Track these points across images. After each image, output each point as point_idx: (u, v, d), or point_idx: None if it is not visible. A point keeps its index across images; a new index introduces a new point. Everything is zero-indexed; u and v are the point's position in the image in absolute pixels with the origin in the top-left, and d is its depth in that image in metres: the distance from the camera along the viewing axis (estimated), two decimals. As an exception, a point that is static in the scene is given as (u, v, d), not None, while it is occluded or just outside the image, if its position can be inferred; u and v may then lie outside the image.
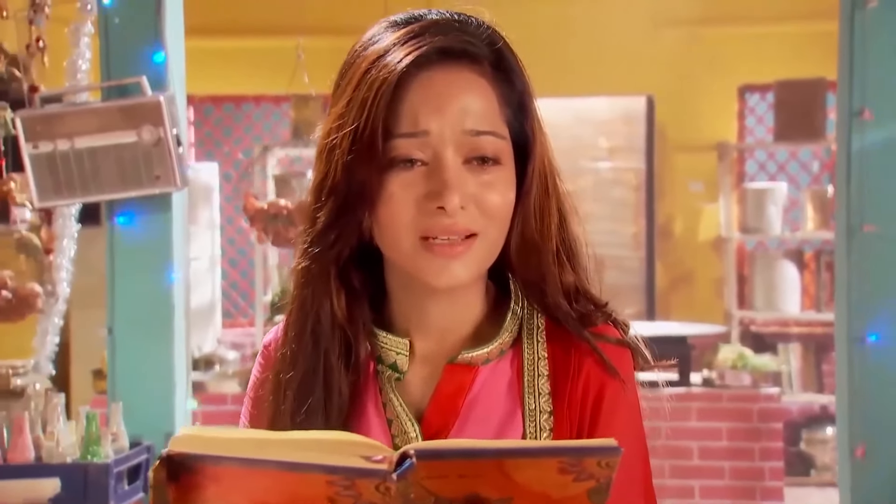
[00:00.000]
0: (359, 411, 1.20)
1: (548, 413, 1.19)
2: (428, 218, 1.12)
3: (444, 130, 1.12)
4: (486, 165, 1.14)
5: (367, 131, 1.11)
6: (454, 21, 1.17)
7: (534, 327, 1.22)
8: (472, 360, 1.20)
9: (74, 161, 3.02)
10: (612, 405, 1.19)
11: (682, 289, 6.58)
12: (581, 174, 6.64)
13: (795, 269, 6.13)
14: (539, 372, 1.20)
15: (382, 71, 1.11)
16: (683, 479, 4.87)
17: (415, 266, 1.15)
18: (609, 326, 1.23)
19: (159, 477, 0.89)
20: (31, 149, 3.03)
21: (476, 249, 1.14)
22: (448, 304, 1.20)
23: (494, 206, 1.14)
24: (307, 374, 1.18)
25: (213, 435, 0.91)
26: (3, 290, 3.15)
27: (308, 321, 1.19)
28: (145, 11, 3.12)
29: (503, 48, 1.18)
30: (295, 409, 1.18)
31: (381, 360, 1.21)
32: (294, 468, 0.88)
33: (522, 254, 1.20)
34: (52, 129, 3.04)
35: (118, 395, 3.08)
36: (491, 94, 1.16)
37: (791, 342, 6.15)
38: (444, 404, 1.19)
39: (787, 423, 5.75)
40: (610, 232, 6.59)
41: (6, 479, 2.86)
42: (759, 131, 6.68)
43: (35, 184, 3.03)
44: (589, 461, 0.91)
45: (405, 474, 0.87)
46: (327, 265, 1.17)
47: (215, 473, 0.91)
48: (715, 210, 6.39)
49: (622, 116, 6.58)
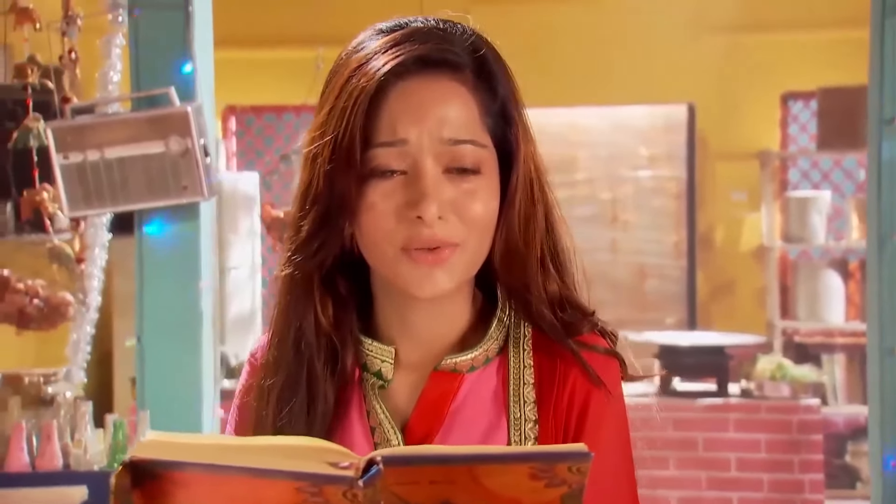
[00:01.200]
0: (343, 418, 1.20)
1: (533, 422, 1.18)
2: (407, 228, 1.12)
3: (423, 139, 1.12)
4: (466, 174, 1.14)
5: (345, 141, 1.11)
6: (436, 29, 1.16)
7: (520, 336, 1.22)
8: (456, 367, 1.19)
9: (104, 171, 3.05)
10: (598, 416, 1.18)
11: (724, 298, 6.52)
12: (621, 183, 6.61)
13: (840, 279, 6.04)
14: (525, 380, 1.20)
15: (362, 80, 1.11)
16: (721, 490, 4.82)
17: (397, 276, 1.15)
18: (596, 336, 1.22)
19: (122, 483, 0.89)
20: (61, 159, 3.07)
21: (457, 258, 1.14)
22: (433, 313, 1.20)
23: (475, 214, 1.14)
24: (289, 380, 1.19)
25: (179, 441, 0.91)
26: (35, 300, 3.19)
27: (291, 328, 1.19)
28: (174, 24, 3.14)
29: (486, 56, 1.17)
30: (277, 416, 1.18)
31: (367, 368, 1.21)
32: (260, 474, 0.88)
33: (506, 262, 1.19)
34: (82, 140, 3.07)
35: (146, 402, 3.11)
36: (471, 102, 1.15)
37: (835, 353, 6.06)
38: (428, 411, 1.19)
39: (831, 435, 5.68)
40: (650, 241, 6.55)
41: (35, 486, 2.89)
42: (803, 139, 6.60)
43: (66, 194, 3.07)
44: (560, 467, 0.89)
45: (372, 481, 0.87)
46: (310, 273, 1.18)
47: (182, 479, 0.90)
48: (757, 219, 6.32)
49: (663, 125, 6.54)
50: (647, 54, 6.34)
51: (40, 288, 3.19)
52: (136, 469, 0.89)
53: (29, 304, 3.19)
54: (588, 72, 6.40)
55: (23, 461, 2.93)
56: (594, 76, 6.43)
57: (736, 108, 6.40)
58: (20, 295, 3.18)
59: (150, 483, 0.90)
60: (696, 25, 6.39)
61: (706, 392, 4.92)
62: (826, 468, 4.99)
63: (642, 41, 6.36)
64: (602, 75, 6.42)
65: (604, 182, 6.70)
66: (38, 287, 3.18)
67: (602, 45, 6.40)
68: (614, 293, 6.46)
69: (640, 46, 6.35)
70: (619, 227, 6.59)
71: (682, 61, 6.35)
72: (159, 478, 0.89)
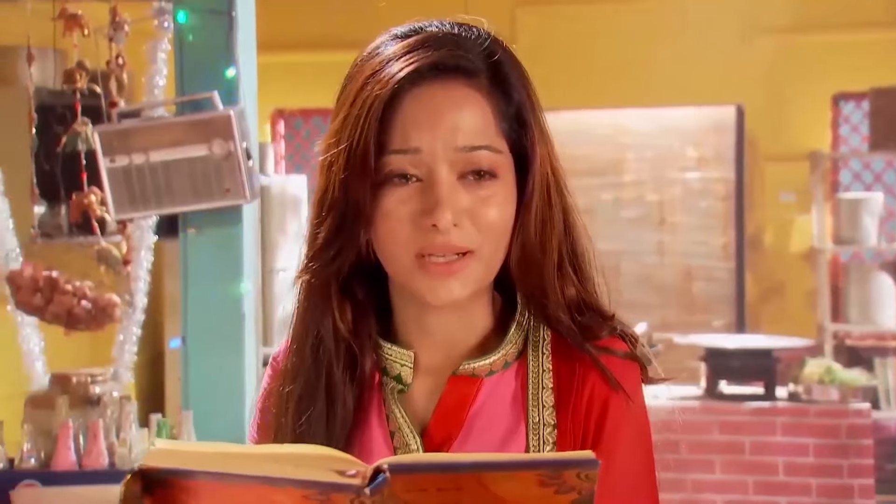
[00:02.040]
0: (362, 423, 1.20)
1: (551, 426, 1.18)
2: (422, 235, 1.12)
3: (436, 147, 1.12)
4: (482, 180, 1.14)
5: (360, 148, 1.11)
6: (451, 34, 1.16)
7: (539, 339, 1.21)
8: (474, 371, 1.20)
9: (149, 174, 3.10)
10: (616, 420, 1.17)
11: (773, 301, 6.45)
12: (669, 185, 6.57)
13: (892, 282, 5.96)
14: (543, 384, 1.19)
15: (376, 87, 1.11)
16: (769, 495, 4.77)
17: (412, 283, 1.15)
18: (616, 339, 1.21)
19: (133, 490, 0.90)
20: (108, 163, 3.12)
21: (473, 266, 1.14)
22: (451, 318, 1.20)
23: (491, 220, 1.14)
24: (307, 386, 1.19)
25: (188, 449, 0.92)
26: (82, 301, 3.24)
27: (309, 335, 1.20)
28: (218, 29, 3.18)
29: (501, 61, 1.16)
30: (296, 423, 1.19)
31: (387, 372, 1.22)
32: (268, 482, 0.89)
33: (523, 266, 1.19)
34: (128, 144, 3.12)
35: (191, 403, 3.15)
36: (486, 107, 1.14)
37: (888, 356, 5.97)
38: (447, 416, 1.19)
39: (883, 439, 5.60)
40: (698, 243, 6.51)
41: (81, 484, 2.94)
42: (854, 140, 6.52)
43: (112, 197, 3.12)
44: (568, 473, 0.89)
45: (379, 489, 0.87)
46: (328, 279, 1.18)
47: (192, 487, 0.91)
48: (807, 221, 6.25)
49: (712, 126, 6.50)
50: (696, 55, 6.30)
51: (88, 289, 3.24)
52: (148, 477, 0.91)
53: (77, 306, 3.24)
54: (636, 73, 6.38)
55: (70, 459, 2.98)
56: (642, 78, 6.40)
57: (786, 109, 6.34)
58: (68, 296, 3.23)
59: (162, 491, 0.91)
60: (745, 26, 6.34)
61: (753, 395, 4.88)
62: (877, 473, 4.92)
63: (691, 42, 6.32)
64: (650, 77, 6.38)
65: (651, 184, 6.67)
66: (85, 288, 3.24)
67: (650, 46, 6.37)
68: (661, 295, 6.42)
69: (688, 48, 6.31)
70: (667, 229, 6.56)
71: (732, 62, 6.30)
72: (170, 485, 0.91)
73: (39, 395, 3.30)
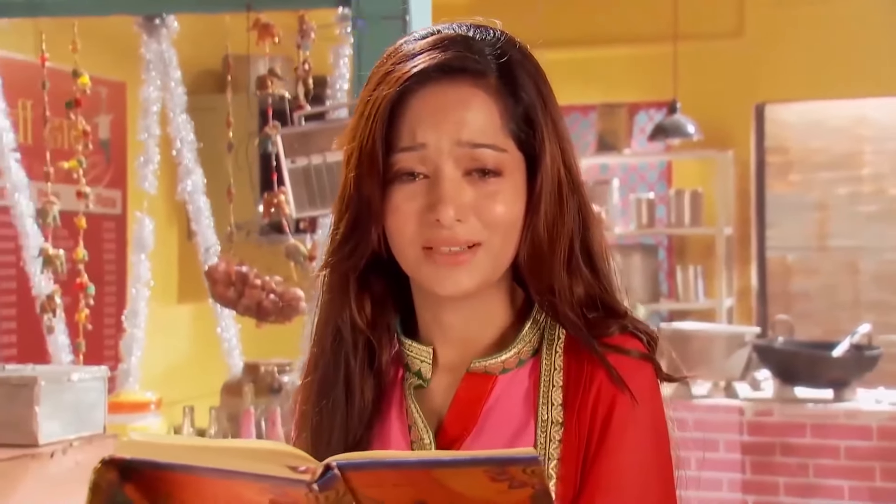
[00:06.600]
0: (383, 415, 1.24)
1: (559, 424, 1.18)
2: (428, 229, 1.16)
3: (441, 143, 1.15)
4: (487, 177, 1.16)
5: (368, 146, 1.16)
6: (462, 36, 1.19)
7: (554, 337, 1.22)
8: (487, 369, 1.21)
9: (326, 174, 3.23)
10: (623, 420, 1.16)
11: None
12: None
13: None
14: (554, 382, 1.20)
15: (385, 87, 1.16)
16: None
17: (420, 275, 1.19)
18: (628, 337, 1.20)
19: (106, 479, 0.96)
20: (289, 164, 3.28)
21: (480, 258, 1.17)
22: (466, 313, 1.22)
23: (496, 216, 1.16)
24: (326, 377, 1.25)
25: (156, 441, 0.98)
26: (270, 295, 3.42)
27: (328, 328, 1.25)
28: (393, 33, 3.28)
29: (511, 61, 1.19)
30: (315, 410, 1.25)
31: (409, 368, 1.25)
32: (228, 475, 0.93)
33: (531, 264, 1.20)
34: (307, 145, 3.26)
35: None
36: (493, 107, 1.17)
37: None
38: (462, 412, 1.21)
39: None
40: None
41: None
42: None
43: (292, 196, 3.28)
44: (513, 469, 0.90)
45: (328, 485, 0.91)
46: (346, 274, 1.23)
47: (164, 478, 0.96)
48: None
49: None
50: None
51: (275, 284, 3.41)
52: (123, 466, 0.96)
53: (266, 299, 3.42)
54: (878, 61, 6.07)
55: (251, 444, 3.16)
56: (885, 65, 6.09)
57: None
58: (257, 290, 3.41)
59: (139, 478, 0.97)
60: None
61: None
62: None
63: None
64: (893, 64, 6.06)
65: (893, 177, 6.35)
66: (272, 283, 3.41)
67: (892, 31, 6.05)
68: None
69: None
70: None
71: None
72: (146, 475, 0.97)
73: (233, 383, 3.50)
